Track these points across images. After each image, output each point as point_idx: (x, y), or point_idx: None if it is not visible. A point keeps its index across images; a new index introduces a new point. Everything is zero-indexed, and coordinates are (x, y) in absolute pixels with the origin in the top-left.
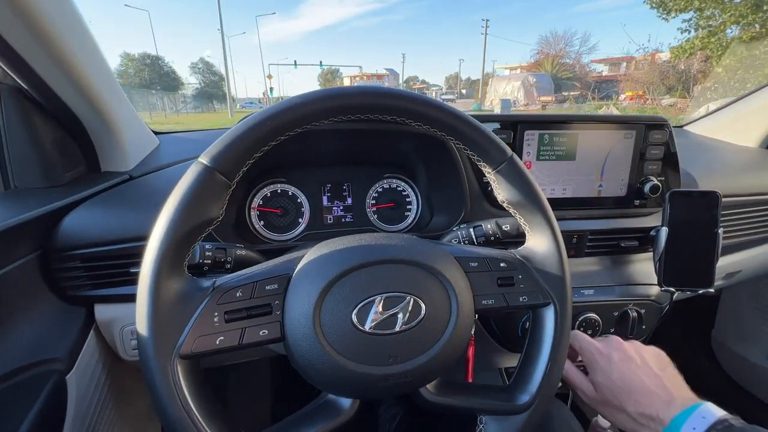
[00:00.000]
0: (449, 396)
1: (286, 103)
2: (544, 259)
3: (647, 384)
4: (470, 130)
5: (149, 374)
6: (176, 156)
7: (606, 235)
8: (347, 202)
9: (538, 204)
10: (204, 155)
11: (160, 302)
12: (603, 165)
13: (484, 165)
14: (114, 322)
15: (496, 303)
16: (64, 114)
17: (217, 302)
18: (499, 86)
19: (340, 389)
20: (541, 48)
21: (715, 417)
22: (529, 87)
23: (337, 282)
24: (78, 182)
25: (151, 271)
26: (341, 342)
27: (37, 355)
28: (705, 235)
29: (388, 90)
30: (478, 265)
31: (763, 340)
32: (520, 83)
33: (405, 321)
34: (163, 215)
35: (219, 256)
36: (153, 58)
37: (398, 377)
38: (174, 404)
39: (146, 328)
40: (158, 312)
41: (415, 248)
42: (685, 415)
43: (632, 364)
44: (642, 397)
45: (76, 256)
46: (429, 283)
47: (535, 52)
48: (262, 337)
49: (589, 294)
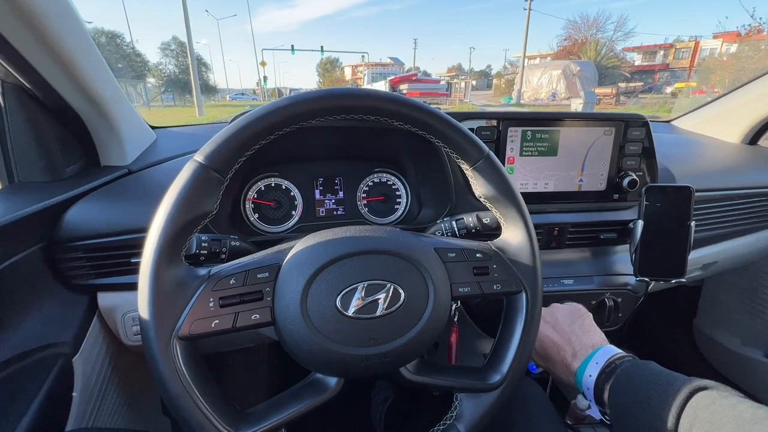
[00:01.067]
0: (427, 375)
1: (275, 105)
2: (518, 250)
3: (556, 341)
4: (448, 128)
5: (151, 354)
6: (173, 150)
7: (586, 228)
8: (339, 196)
9: (512, 199)
10: (199, 153)
11: (159, 289)
12: (584, 160)
13: (462, 162)
14: (116, 309)
15: (471, 291)
16: (65, 111)
17: (212, 289)
18: (532, 76)
19: (326, 368)
20: (568, 34)
21: (605, 361)
22: (571, 77)
23: (323, 270)
24: (79, 176)
25: (152, 260)
26: (326, 325)
27: (45, 339)
28: (678, 227)
29: (374, 93)
30: (455, 255)
31: (742, 329)
32: (560, 72)
33: (385, 307)
34: (161, 209)
35: (214, 246)
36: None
37: (378, 357)
38: (174, 381)
39: (148, 313)
40: (158, 298)
41: (397, 240)
42: (585, 363)
43: (546, 326)
44: (556, 353)
45: (79, 246)
46: (408, 272)
47: (562, 38)
48: (253, 321)
49: (568, 283)
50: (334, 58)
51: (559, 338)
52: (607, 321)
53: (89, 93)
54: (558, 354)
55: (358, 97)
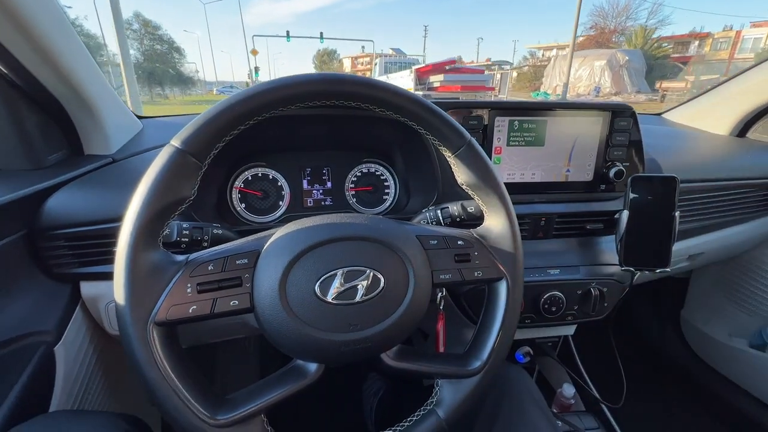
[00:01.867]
0: (408, 362)
1: (253, 90)
2: (499, 237)
3: None
4: (430, 115)
5: (127, 339)
6: (159, 140)
7: (572, 218)
8: (327, 186)
9: (494, 187)
10: (176, 138)
11: (135, 273)
12: (571, 151)
13: (444, 149)
14: (99, 299)
15: (452, 278)
16: (44, 97)
17: (190, 275)
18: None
19: (306, 354)
20: (594, 22)
21: None
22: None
23: (303, 256)
24: (61, 165)
25: (127, 244)
26: (305, 311)
27: (25, 328)
28: (663, 218)
29: (355, 78)
30: (437, 243)
31: (728, 320)
32: (604, 63)
33: (365, 293)
34: (137, 193)
35: (196, 234)
36: None
37: (357, 343)
38: (151, 366)
39: (123, 298)
40: (134, 282)
41: (377, 227)
42: None
43: None
44: None
45: (60, 235)
46: (388, 259)
47: (588, 26)
48: (232, 307)
49: (554, 273)
50: (331, 50)
51: None
52: (592, 311)
53: (69, 79)
54: None
55: (338, 82)
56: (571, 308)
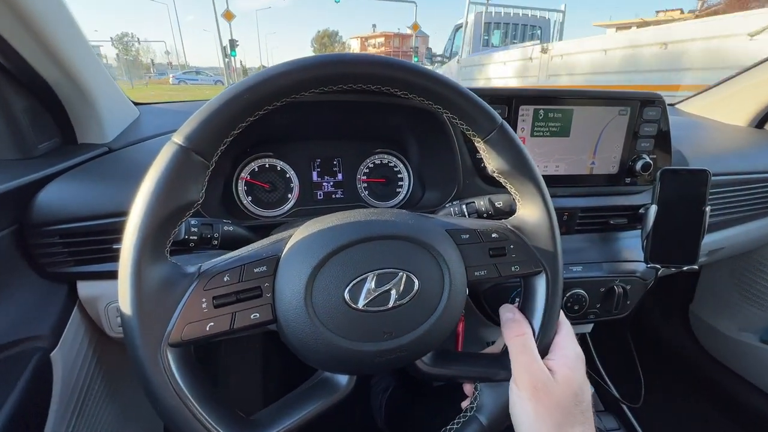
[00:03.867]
0: (445, 366)
1: (265, 74)
2: (535, 228)
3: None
4: (459, 97)
5: (138, 364)
6: (157, 128)
7: (596, 213)
8: (338, 178)
9: (528, 172)
10: (177, 134)
11: (143, 291)
12: (597, 142)
13: (473, 134)
14: (98, 300)
15: (488, 273)
16: (33, 80)
17: (204, 288)
18: None
19: (336, 366)
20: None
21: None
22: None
23: (328, 261)
24: (53, 154)
25: (131, 259)
26: (334, 321)
27: (19, 333)
28: (692, 212)
29: (372, 57)
30: (469, 237)
31: (738, 315)
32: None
33: (398, 297)
34: (138, 200)
35: (205, 232)
36: None
37: (393, 352)
38: (167, 392)
39: (132, 319)
40: (142, 301)
41: (406, 223)
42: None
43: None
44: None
45: (54, 231)
46: (421, 258)
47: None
48: (253, 320)
49: (577, 270)
50: (332, 31)
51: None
52: (615, 309)
53: (62, 62)
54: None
55: (357, 63)
56: (593, 306)
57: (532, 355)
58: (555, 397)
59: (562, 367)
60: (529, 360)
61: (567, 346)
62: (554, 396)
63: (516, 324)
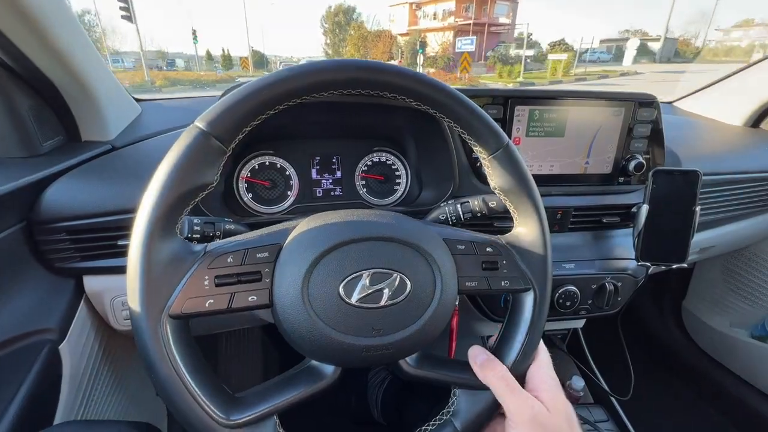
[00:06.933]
0: (427, 369)
1: (290, 71)
2: (529, 246)
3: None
4: (469, 114)
5: (140, 332)
6: (160, 125)
7: (589, 212)
8: (336, 175)
9: (529, 193)
10: (200, 119)
11: (151, 263)
12: (591, 142)
13: (480, 150)
14: (104, 294)
15: (479, 285)
16: (38, 79)
17: (208, 266)
18: None
19: (324, 357)
20: None
21: None
22: None
23: (327, 255)
24: (58, 152)
25: (144, 231)
26: (327, 312)
27: (29, 326)
28: (683, 212)
29: (393, 67)
30: (464, 248)
31: (730, 311)
32: None
33: (390, 296)
34: (156, 177)
35: (208, 230)
36: None
37: (379, 349)
38: (163, 362)
39: (137, 288)
40: (150, 272)
41: (405, 227)
42: None
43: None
44: None
45: (61, 228)
46: (416, 262)
47: None
48: (250, 302)
49: (569, 268)
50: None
51: None
52: (606, 305)
53: (65, 60)
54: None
55: (377, 71)
56: (585, 303)
57: (520, 391)
58: (553, 426)
59: (550, 398)
60: (521, 397)
61: (547, 374)
62: (552, 426)
63: (492, 363)
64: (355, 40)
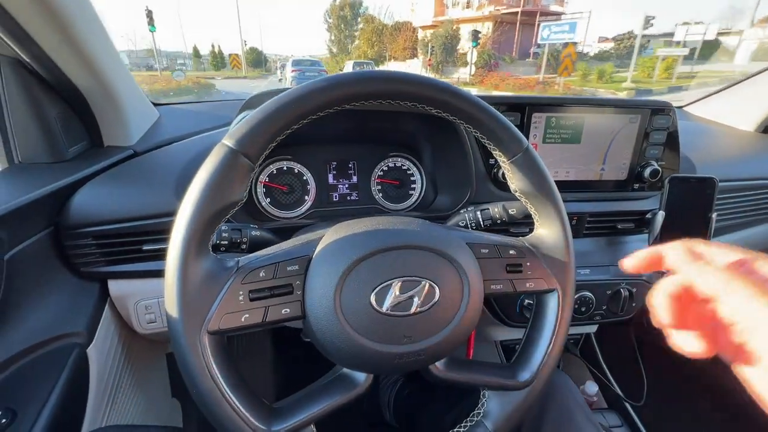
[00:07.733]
0: (456, 372)
1: (314, 86)
2: (552, 248)
3: None
4: (489, 119)
5: (180, 350)
6: (178, 130)
7: (604, 218)
8: (353, 180)
9: (550, 196)
10: (228, 137)
11: (188, 282)
12: (607, 149)
13: (499, 154)
14: (128, 298)
15: (504, 288)
16: (67, 87)
17: (242, 282)
18: None
19: (358, 365)
20: None
21: None
22: None
23: (357, 265)
24: (82, 158)
25: (180, 252)
26: (360, 322)
27: (57, 330)
28: (699, 219)
29: (414, 77)
30: (488, 251)
31: None
32: None
33: (420, 304)
34: (188, 198)
35: (235, 237)
36: None
37: (411, 355)
38: (204, 376)
39: (176, 307)
40: (187, 291)
41: (431, 234)
42: None
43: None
44: None
45: (88, 233)
46: (443, 269)
47: None
48: (284, 315)
49: (585, 273)
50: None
51: None
52: (621, 311)
53: (93, 68)
54: None
55: (399, 81)
56: (599, 308)
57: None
58: None
59: None
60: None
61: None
62: None
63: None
64: (368, 35)
